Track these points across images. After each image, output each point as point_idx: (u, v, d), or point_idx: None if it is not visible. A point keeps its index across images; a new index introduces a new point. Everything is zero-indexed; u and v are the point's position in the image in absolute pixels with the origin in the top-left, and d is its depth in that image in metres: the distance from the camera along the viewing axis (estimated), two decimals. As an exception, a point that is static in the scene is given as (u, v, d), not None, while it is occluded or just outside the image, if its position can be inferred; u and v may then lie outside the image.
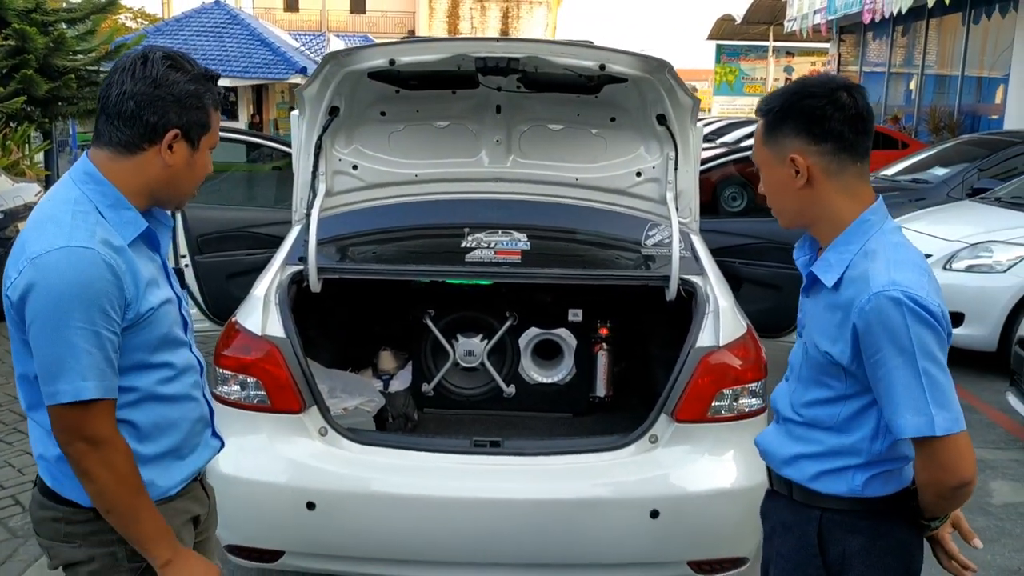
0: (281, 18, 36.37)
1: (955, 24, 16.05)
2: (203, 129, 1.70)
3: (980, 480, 4.26)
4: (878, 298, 1.51)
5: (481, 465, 2.66)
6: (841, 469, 1.67)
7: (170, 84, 1.63)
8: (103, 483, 1.60)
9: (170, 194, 1.74)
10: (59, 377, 1.54)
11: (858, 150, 1.63)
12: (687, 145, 3.14)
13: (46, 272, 1.53)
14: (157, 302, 1.68)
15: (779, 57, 33.68)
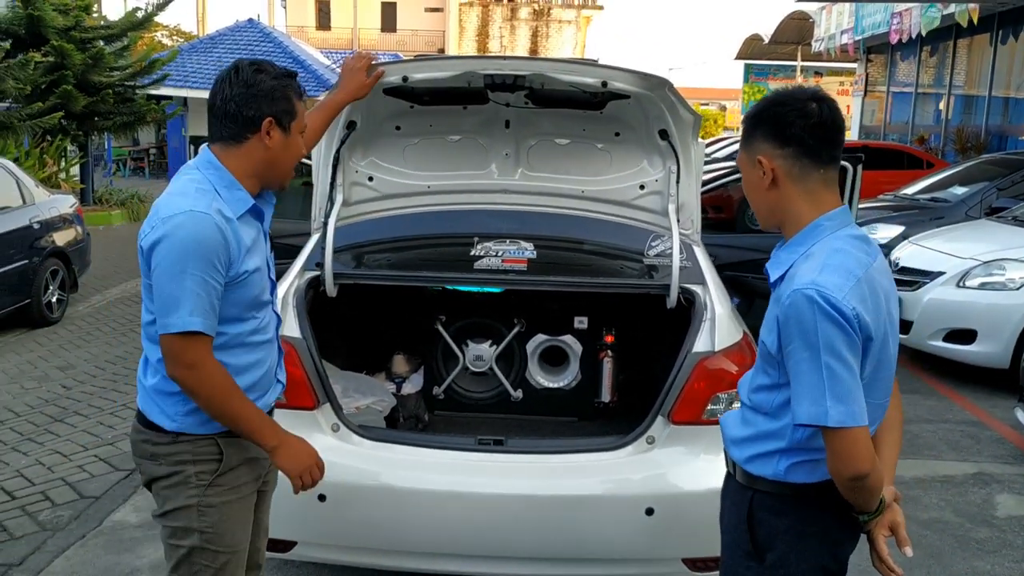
0: (313, 36, 36.88)
1: (983, 44, 16.02)
2: (291, 116, 2.05)
3: (985, 493, 4.31)
4: (796, 295, 1.64)
5: (485, 462, 2.78)
6: (769, 453, 1.80)
7: (258, 83, 2.00)
8: (206, 396, 1.96)
9: (274, 173, 2.10)
10: (173, 312, 1.91)
11: (821, 157, 1.74)
12: (688, 159, 3.24)
13: (172, 228, 1.91)
14: (252, 267, 2.04)
15: (807, 77, 33.59)
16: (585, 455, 2.78)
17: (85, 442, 4.82)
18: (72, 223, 8.32)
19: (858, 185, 4.86)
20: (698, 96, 66.74)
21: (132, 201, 15.22)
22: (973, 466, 4.67)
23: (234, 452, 2.08)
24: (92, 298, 8.74)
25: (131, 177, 23.54)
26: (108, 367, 6.32)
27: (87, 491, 4.17)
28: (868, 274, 1.69)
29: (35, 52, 12.70)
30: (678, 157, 3.21)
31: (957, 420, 5.42)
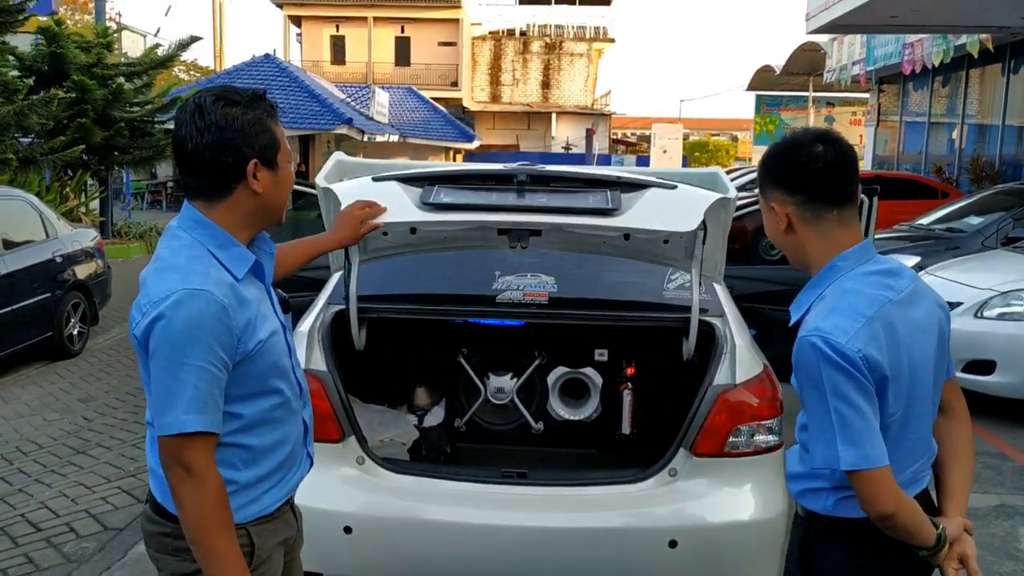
0: (328, 70, 37.37)
1: (995, 74, 16.07)
2: (275, 148, 1.81)
3: (1008, 526, 4.28)
4: (801, 342, 1.68)
5: (508, 495, 2.80)
6: (816, 489, 1.83)
7: (231, 122, 1.74)
8: (189, 512, 1.70)
9: (266, 216, 1.85)
10: (166, 410, 1.67)
11: (832, 198, 1.77)
12: (717, 225, 3.20)
13: (166, 311, 1.66)
14: (266, 334, 1.79)
15: (819, 107, 33.74)
16: (608, 487, 2.80)
17: (108, 474, 4.86)
18: (93, 256, 8.44)
19: (874, 217, 4.88)
20: (709, 127, 67.05)
21: (151, 234, 15.41)
22: (995, 498, 4.65)
23: (266, 541, 1.88)
24: (112, 330, 8.84)
25: (148, 210, 23.82)
26: (129, 399, 6.38)
27: (111, 523, 4.21)
28: (883, 311, 1.70)
29: (58, 89, 12.95)
30: (706, 226, 3.25)
31: (978, 452, 5.36)
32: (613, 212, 2.75)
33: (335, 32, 39.74)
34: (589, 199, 2.82)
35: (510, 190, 2.86)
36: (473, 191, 2.88)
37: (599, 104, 43.24)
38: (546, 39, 42.33)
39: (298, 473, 1.99)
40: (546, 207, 2.79)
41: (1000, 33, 14.28)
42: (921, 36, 16.60)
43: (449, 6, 39.38)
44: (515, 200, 2.83)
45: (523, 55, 41.85)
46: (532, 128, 40.94)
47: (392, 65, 39.61)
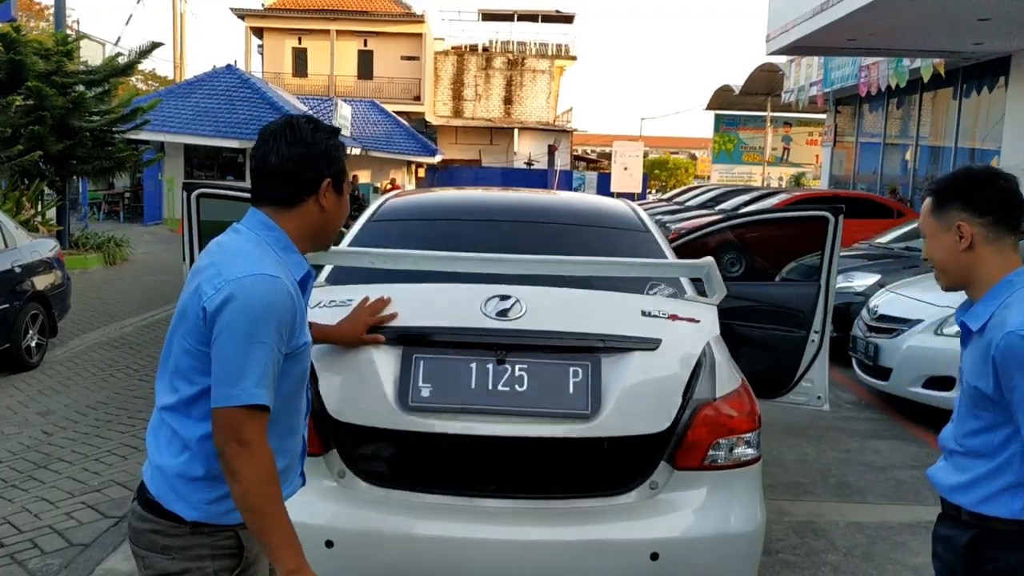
0: (290, 82, 37.16)
1: (947, 98, 16.51)
2: (343, 176, 1.99)
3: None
4: (1009, 336, 1.91)
5: (490, 507, 2.79)
6: (999, 493, 1.98)
7: (317, 143, 1.92)
8: (248, 482, 1.76)
9: (324, 235, 2.01)
10: (238, 382, 1.75)
11: (1011, 224, 2.06)
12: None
13: (243, 291, 1.77)
14: (308, 339, 1.95)
15: (777, 127, 34.34)
16: (590, 500, 2.81)
17: (71, 488, 4.76)
18: (53, 267, 8.28)
19: (839, 235, 4.99)
20: (669, 145, 67.84)
21: (109, 245, 15.15)
22: (957, 511, 4.75)
23: (255, 544, 1.92)
24: (70, 343, 8.67)
25: (105, 220, 23.42)
26: (90, 412, 6.26)
27: (76, 538, 4.12)
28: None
29: (15, 96, 12.71)
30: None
31: (939, 465, 5.50)
32: (592, 416, 2.69)
33: (297, 44, 39.54)
34: (568, 394, 2.71)
35: (489, 358, 2.73)
36: (451, 373, 2.74)
37: (561, 121, 43.52)
38: (508, 55, 42.53)
39: (289, 488, 2.00)
40: (521, 410, 2.69)
41: (952, 58, 14.71)
42: (877, 59, 17.03)
43: (412, 21, 39.42)
44: (492, 390, 2.71)
45: (486, 71, 42.00)
46: (494, 143, 41.05)
47: (355, 78, 39.50)
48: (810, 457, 5.59)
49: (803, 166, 35.25)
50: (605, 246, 3.72)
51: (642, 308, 2.85)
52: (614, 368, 2.75)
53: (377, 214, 3.84)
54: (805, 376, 4.35)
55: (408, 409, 2.70)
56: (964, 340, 2.14)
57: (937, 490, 2.19)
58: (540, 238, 3.74)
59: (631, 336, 2.79)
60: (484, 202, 4.32)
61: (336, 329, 2.68)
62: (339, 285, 3.15)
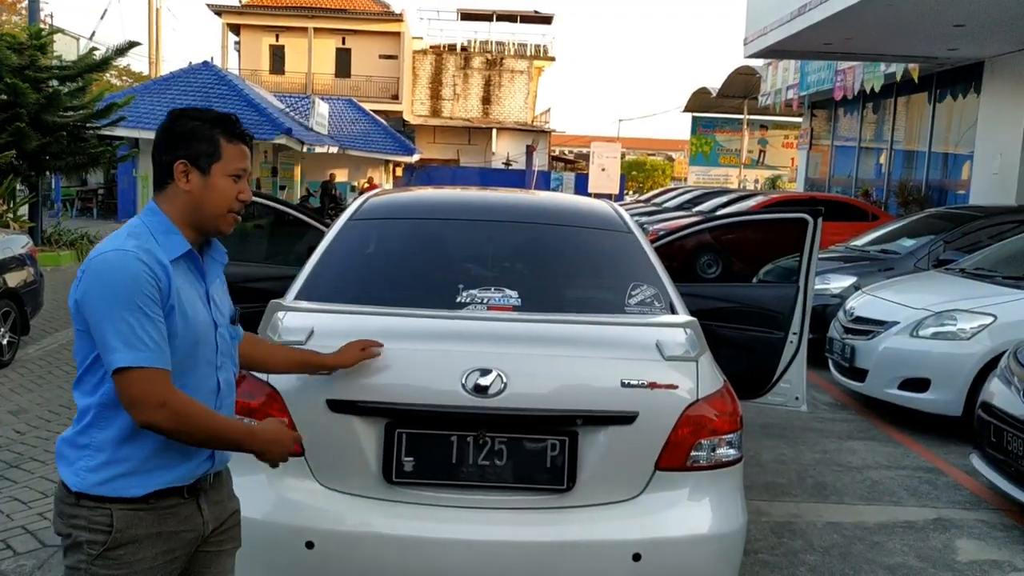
0: (267, 80, 36.90)
1: (922, 103, 16.70)
2: (212, 158, 2.04)
3: (946, 538, 4.43)
4: None
5: (473, 507, 2.78)
6: None
7: (173, 127, 2.05)
8: (187, 432, 1.94)
9: (201, 217, 2.07)
10: (109, 352, 1.88)
11: None
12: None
13: (92, 269, 1.93)
14: (183, 313, 1.98)
15: (753, 130, 34.58)
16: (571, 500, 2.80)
17: (44, 488, 4.69)
18: (25, 264, 8.16)
19: (818, 237, 5.02)
20: (646, 147, 68.08)
21: (82, 242, 14.98)
22: (932, 511, 4.80)
23: (134, 526, 1.97)
24: (42, 340, 8.55)
25: (79, 217, 23.16)
26: (63, 411, 6.17)
27: (49, 540, 4.06)
28: None
29: (-13, 90, 12.53)
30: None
31: (914, 467, 5.56)
32: (568, 491, 2.74)
33: (274, 42, 39.29)
34: (545, 468, 2.75)
35: (469, 435, 2.75)
36: (433, 448, 2.76)
37: (539, 121, 43.57)
38: (487, 55, 42.52)
39: (185, 468, 2.04)
40: (500, 485, 2.75)
41: (927, 63, 14.87)
42: (853, 64, 17.19)
43: (390, 19, 39.29)
44: (472, 464, 2.75)
45: (464, 70, 41.96)
46: (472, 143, 41.01)
47: (332, 76, 39.31)
48: (787, 458, 5.62)
49: (779, 169, 35.53)
50: (588, 247, 3.72)
51: (622, 378, 2.77)
52: (591, 442, 2.76)
53: (358, 213, 3.81)
54: (783, 377, 4.38)
55: (392, 483, 2.74)
56: None
57: None
58: (522, 238, 3.73)
59: (609, 411, 2.77)
60: (466, 201, 4.31)
61: (333, 357, 2.68)
62: (309, 302, 3.09)
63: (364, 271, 3.52)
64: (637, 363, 2.82)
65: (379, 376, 2.76)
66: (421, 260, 3.61)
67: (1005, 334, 5.77)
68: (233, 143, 2.07)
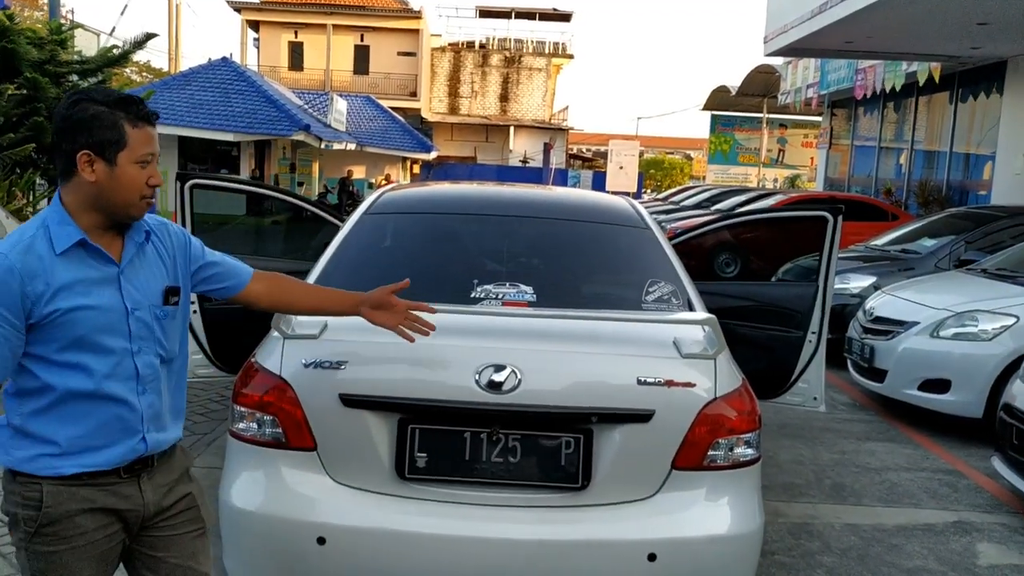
0: (286, 76, 37.03)
1: (943, 102, 16.53)
2: (118, 146, 1.96)
3: (966, 541, 4.36)
4: None
5: (488, 504, 2.75)
6: None
7: (78, 114, 1.94)
8: None
9: (110, 206, 2.00)
10: None
11: None
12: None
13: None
14: (68, 306, 1.94)
15: (772, 129, 34.36)
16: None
17: None
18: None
19: (838, 236, 4.96)
20: (664, 145, 67.84)
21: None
22: (953, 514, 4.73)
23: (64, 503, 1.98)
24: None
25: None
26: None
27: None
28: None
29: (8, 84, 12.60)
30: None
31: (934, 468, 5.49)
32: (583, 488, 2.72)
33: (293, 38, 39.43)
34: (560, 466, 2.72)
35: (483, 431, 2.72)
36: (446, 444, 2.73)
37: (557, 119, 43.48)
38: (505, 53, 42.48)
39: (114, 450, 2.04)
40: (514, 482, 2.73)
41: (949, 62, 14.70)
42: (873, 62, 17.03)
43: (409, 16, 39.34)
44: (486, 461, 2.72)
45: (482, 68, 41.95)
46: (490, 140, 41.00)
47: (351, 73, 39.40)
48: (805, 458, 5.56)
49: (798, 168, 35.28)
50: (604, 243, 3.68)
51: (638, 376, 2.73)
52: (606, 440, 2.73)
53: (373, 207, 3.79)
54: (802, 377, 4.32)
55: (405, 479, 2.72)
56: None
57: None
58: (538, 234, 3.70)
59: (625, 409, 2.73)
60: (482, 196, 4.28)
61: (367, 308, 2.48)
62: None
63: (378, 265, 3.50)
64: (654, 360, 2.79)
65: (393, 371, 2.74)
66: (435, 255, 3.59)
67: (1028, 336, 5.68)
68: (138, 127, 1.98)
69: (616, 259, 3.63)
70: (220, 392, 6.30)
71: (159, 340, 2.10)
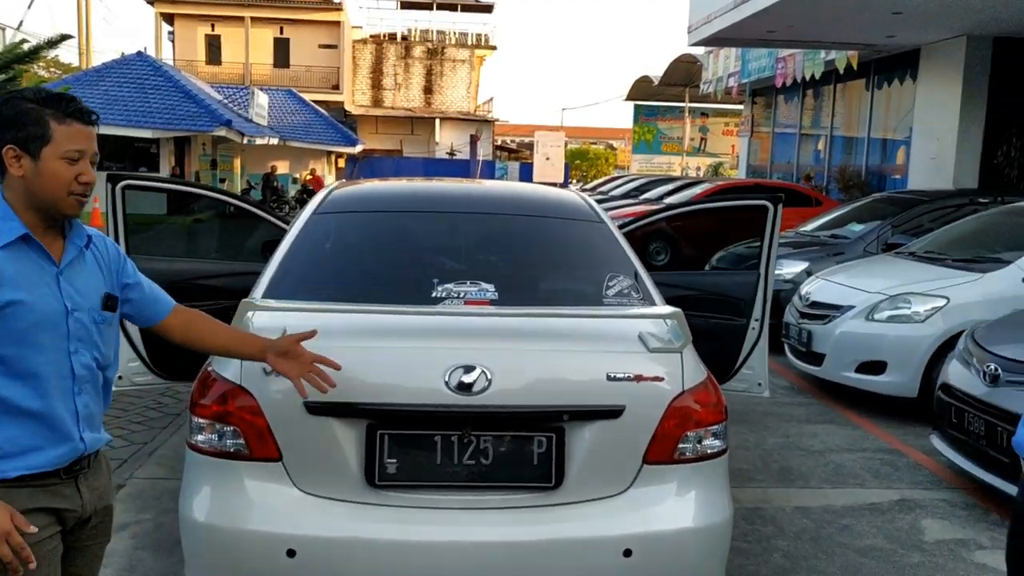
0: (203, 70, 36.09)
1: (860, 89, 17.02)
2: (42, 141, 1.99)
3: (911, 519, 4.50)
4: None
5: (460, 508, 2.71)
6: None
7: (7, 109, 1.99)
8: None
9: (39, 202, 2.02)
10: None
11: None
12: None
13: None
14: (7, 299, 1.94)
15: (695, 118, 34.93)
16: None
17: None
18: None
19: (779, 224, 5.05)
20: (589, 135, 68.38)
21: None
22: (896, 493, 4.87)
23: (11, 503, 1.95)
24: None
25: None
26: None
27: None
28: None
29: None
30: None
31: (875, 449, 5.65)
32: (555, 488, 2.69)
33: (210, 31, 38.44)
34: (531, 466, 2.70)
35: (453, 433, 2.67)
36: (416, 449, 2.69)
37: (482, 111, 43.42)
38: (428, 44, 42.21)
39: (55, 451, 2.04)
40: (486, 485, 2.69)
41: (866, 51, 15.15)
42: (793, 51, 17.44)
43: (329, 8, 38.74)
44: (457, 464, 2.68)
45: (405, 60, 41.60)
46: (415, 133, 40.70)
47: (271, 66, 38.63)
48: (751, 443, 5.66)
49: (720, 156, 35.98)
50: (561, 238, 3.67)
51: (608, 371, 2.72)
52: (578, 438, 2.71)
53: (323, 206, 3.70)
54: (746, 363, 4.39)
55: (375, 486, 2.65)
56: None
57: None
58: (495, 229, 3.66)
59: (596, 406, 2.71)
60: (433, 193, 4.22)
61: (271, 348, 2.45)
62: (276, 299, 2.97)
63: (334, 267, 3.41)
64: (622, 356, 2.78)
65: (359, 376, 2.67)
66: (392, 254, 3.51)
67: (958, 316, 5.89)
68: (65, 123, 2.01)
69: (574, 254, 3.62)
70: (156, 399, 6.11)
71: (96, 344, 2.12)
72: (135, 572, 3.69)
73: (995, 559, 4.04)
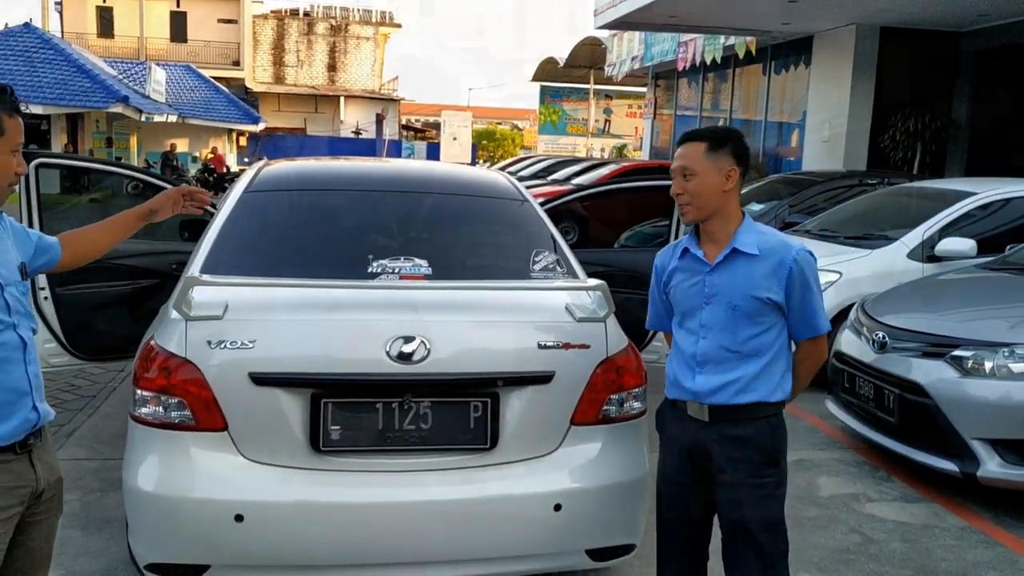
0: (95, 43, 34.64)
1: (757, 74, 17.66)
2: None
3: (808, 477, 4.85)
4: (801, 252, 2.51)
5: (395, 468, 2.86)
6: (780, 380, 2.71)
7: None
8: None
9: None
10: None
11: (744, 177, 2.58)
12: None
13: None
14: None
15: (599, 100, 35.44)
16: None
17: None
18: None
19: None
20: (494, 116, 68.45)
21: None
22: (794, 454, 5.21)
23: None
24: None
25: None
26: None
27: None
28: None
29: None
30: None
31: (774, 414, 6.01)
32: (490, 450, 2.88)
33: (101, 3, 36.87)
34: (468, 429, 2.87)
35: (394, 400, 2.82)
36: (359, 416, 2.83)
37: (387, 89, 43.01)
38: (331, 21, 41.50)
39: (13, 422, 2.09)
40: (425, 448, 2.85)
41: (763, 37, 15.74)
42: (695, 36, 17.95)
43: (228, -19, 37.66)
44: (398, 429, 2.83)
45: (307, 36, 40.83)
46: (320, 111, 40.06)
47: (167, 41, 37.33)
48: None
49: (624, 137, 36.63)
50: (488, 216, 3.83)
51: (539, 340, 2.93)
52: (511, 402, 2.90)
53: (254, 184, 3.76)
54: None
55: (320, 452, 2.77)
56: (720, 266, 2.51)
57: (702, 398, 2.62)
58: (426, 208, 3.80)
59: (528, 372, 2.91)
60: (364, 172, 4.31)
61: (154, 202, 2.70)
62: (216, 275, 3.02)
63: (270, 244, 3.49)
64: (552, 326, 2.98)
65: (303, 348, 2.78)
66: (327, 231, 3.61)
67: (850, 289, 6.31)
68: (14, 118, 2.08)
69: (501, 231, 3.79)
70: (70, 382, 6.01)
71: (30, 314, 2.18)
72: (66, 551, 3.69)
73: (882, 510, 4.42)
